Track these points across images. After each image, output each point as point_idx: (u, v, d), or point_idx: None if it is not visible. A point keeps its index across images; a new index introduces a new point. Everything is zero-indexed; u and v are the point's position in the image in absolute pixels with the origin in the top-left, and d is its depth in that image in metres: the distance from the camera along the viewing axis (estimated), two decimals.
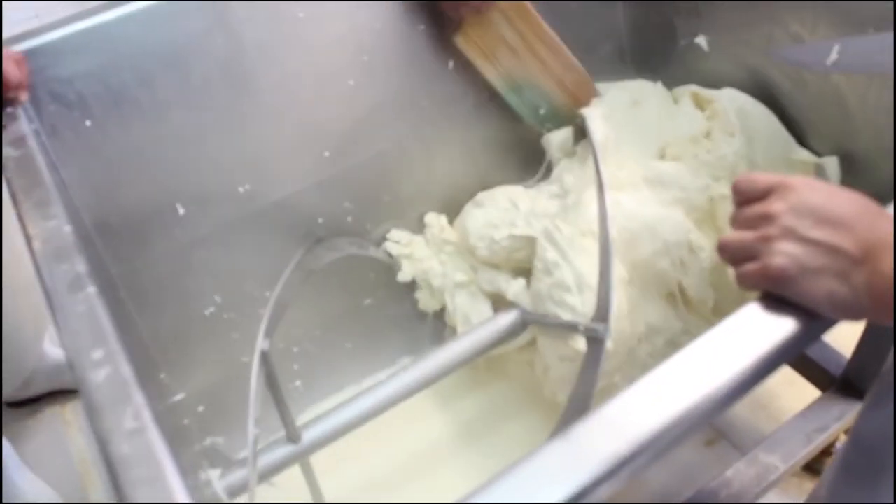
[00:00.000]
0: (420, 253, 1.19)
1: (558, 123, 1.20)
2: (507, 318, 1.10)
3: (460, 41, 1.11)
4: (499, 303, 1.17)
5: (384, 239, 1.20)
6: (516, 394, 1.28)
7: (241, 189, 1.06)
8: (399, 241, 1.20)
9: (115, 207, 0.99)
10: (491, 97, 1.18)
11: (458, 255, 1.19)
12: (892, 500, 0.71)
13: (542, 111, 1.19)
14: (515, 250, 1.13)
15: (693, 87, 1.18)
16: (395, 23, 1.07)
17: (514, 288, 1.12)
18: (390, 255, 1.19)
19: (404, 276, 1.19)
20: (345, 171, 1.12)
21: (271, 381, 0.92)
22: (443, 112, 1.16)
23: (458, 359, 1.09)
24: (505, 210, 1.14)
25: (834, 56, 0.93)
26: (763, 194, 0.64)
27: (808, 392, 1.31)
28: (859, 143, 1.02)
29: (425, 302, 1.23)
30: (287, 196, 1.10)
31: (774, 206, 0.62)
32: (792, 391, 1.40)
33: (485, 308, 1.17)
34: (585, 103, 1.18)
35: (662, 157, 1.15)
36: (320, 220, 1.14)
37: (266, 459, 1.01)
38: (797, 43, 1.04)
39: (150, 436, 0.51)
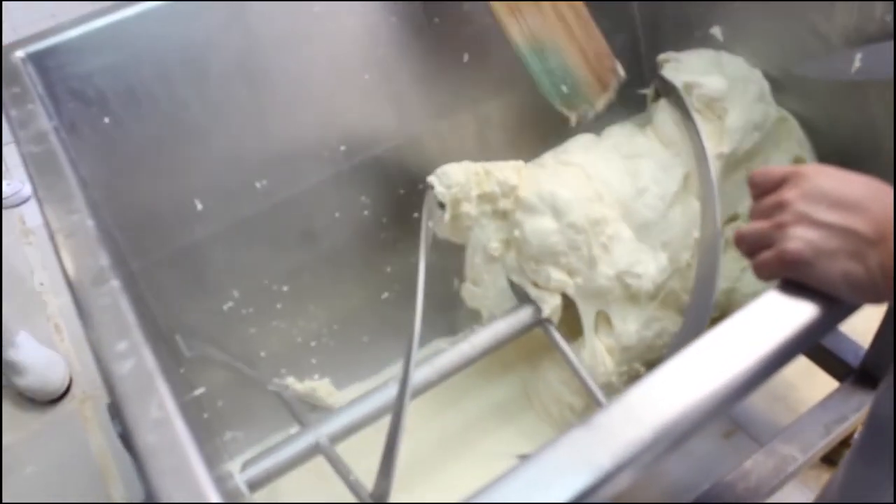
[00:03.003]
0: (462, 193, 1.08)
1: (577, 104, 1.08)
2: (529, 317, 1.11)
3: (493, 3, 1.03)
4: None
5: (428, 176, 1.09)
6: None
7: (258, 184, 1.06)
8: (450, 187, 1.07)
9: (133, 203, 1.00)
10: (506, 90, 1.18)
11: (501, 220, 1.11)
12: None
13: (564, 89, 1.07)
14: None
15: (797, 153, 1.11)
16: (411, 17, 1.07)
17: (549, 307, 1.09)
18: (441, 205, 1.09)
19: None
20: (361, 165, 1.12)
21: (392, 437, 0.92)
22: (458, 105, 1.16)
23: (476, 352, 1.09)
24: (573, 247, 1.04)
25: (857, 64, 0.94)
26: (777, 185, 0.64)
27: (825, 383, 1.30)
28: (871, 136, 1.02)
29: (441, 229, 1.13)
30: (304, 191, 1.10)
31: (787, 193, 0.62)
32: (809, 383, 1.40)
33: (500, 278, 1.15)
34: (606, 84, 1.08)
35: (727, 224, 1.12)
36: (337, 214, 1.14)
37: (287, 452, 1.02)
38: (813, 33, 1.04)
39: (175, 425, 0.52)
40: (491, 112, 1.19)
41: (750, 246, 0.65)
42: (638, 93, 1.20)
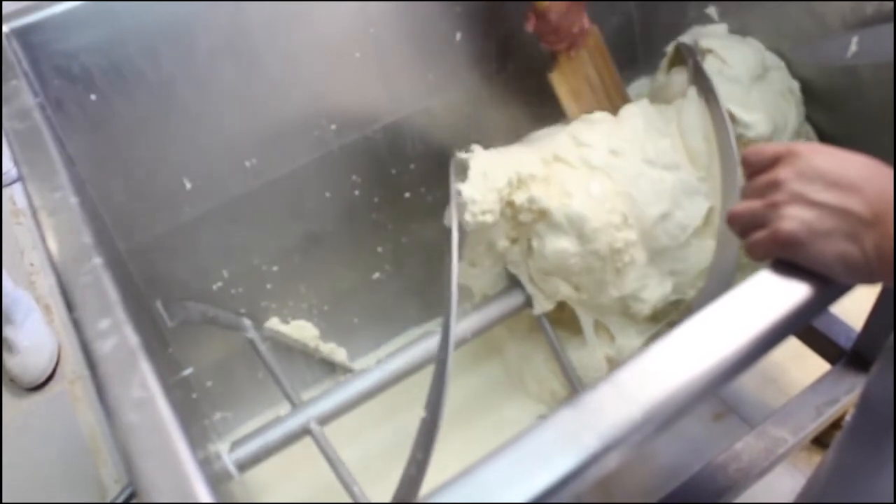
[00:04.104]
0: (489, 200, 1.01)
1: None
2: (521, 302, 1.12)
3: (555, 77, 1.13)
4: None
5: (466, 150, 1.04)
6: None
7: (247, 163, 1.05)
8: (483, 213, 1.01)
9: (121, 182, 0.98)
10: (498, 69, 1.17)
11: (513, 220, 1.07)
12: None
13: None
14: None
15: None
16: None
17: (542, 308, 1.12)
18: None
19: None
20: (352, 145, 1.11)
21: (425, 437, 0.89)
22: (450, 84, 1.15)
23: (468, 334, 1.09)
24: (588, 270, 1.02)
25: (853, 48, 0.93)
26: (771, 163, 0.63)
27: (817, 366, 1.30)
28: (865, 112, 1.01)
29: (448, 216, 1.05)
30: (294, 170, 1.09)
31: (781, 172, 0.61)
32: (801, 365, 1.40)
33: (498, 265, 1.15)
34: None
35: None
36: (328, 194, 1.13)
37: (275, 433, 1.01)
38: (809, 14, 1.03)
39: (157, 405, 0.51)
40: (483, 91, 1.18)
41: (743, 225, 0.64)
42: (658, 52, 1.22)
